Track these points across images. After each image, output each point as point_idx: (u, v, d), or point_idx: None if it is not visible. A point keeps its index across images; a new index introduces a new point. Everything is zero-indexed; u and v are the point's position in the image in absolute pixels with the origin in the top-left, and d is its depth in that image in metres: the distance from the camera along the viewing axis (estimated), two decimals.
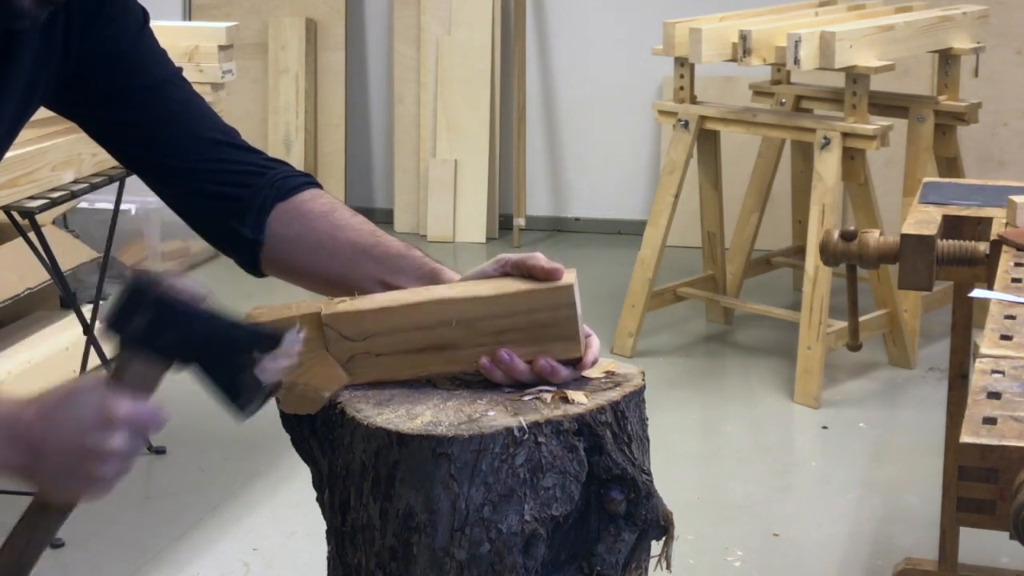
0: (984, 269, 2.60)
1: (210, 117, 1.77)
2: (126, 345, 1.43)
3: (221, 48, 4.04)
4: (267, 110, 6.23)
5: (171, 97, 1.74)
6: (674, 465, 3.86)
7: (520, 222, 6.11)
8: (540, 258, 1.59)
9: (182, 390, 1.69)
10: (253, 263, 1.76)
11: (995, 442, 1.60)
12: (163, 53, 1.77)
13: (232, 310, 1.47)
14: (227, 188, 1.73)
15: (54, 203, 3.51)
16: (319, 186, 1.78)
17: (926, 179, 3.20)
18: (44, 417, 1.38)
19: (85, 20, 1.67)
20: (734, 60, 4.43)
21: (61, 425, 1.37)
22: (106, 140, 1.76)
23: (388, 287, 1.66)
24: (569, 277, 1.59)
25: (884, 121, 4.37)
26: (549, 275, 1.58)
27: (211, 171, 1.73)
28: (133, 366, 1.43)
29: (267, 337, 1.45)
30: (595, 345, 1.62)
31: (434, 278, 1.66)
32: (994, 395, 1.77)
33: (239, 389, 1.44)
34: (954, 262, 2.63)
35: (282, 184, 1.74)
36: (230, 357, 1.43)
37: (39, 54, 1.63)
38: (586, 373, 1.61)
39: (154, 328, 1.42)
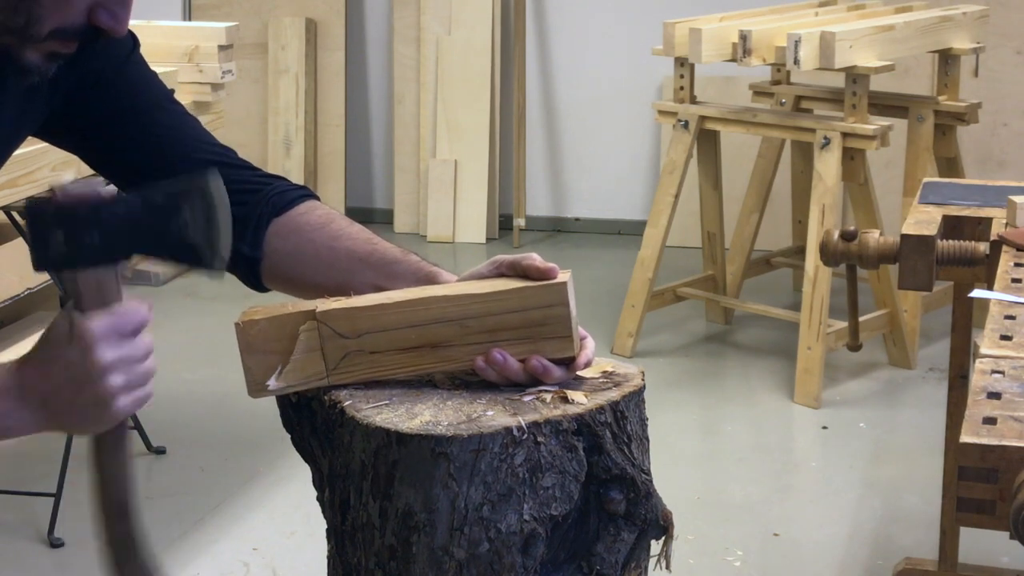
0: (984, 269, 2.60)
1: (203, 138, 1.76)
2: (62, 270, 1.41)
3: (221, 48, 4.04)
4: (267, 110, 6.23)
5: (161, 122, 1.73)
6: (674, 465, 3.86)
7: (520, 222, 6.11)
8: (535, 258, 1.59)
9: (181, 390, 1.68)
10: (254, 278, 1.76)
11: (995, 442, 1.60)
12: (153, 76, 1.76)
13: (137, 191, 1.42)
14: None
15: None
16: (316, 197, 1.78)
17: (926, 179, 3.20)
18: (35, 369, 1.43)
19: None
20: (734, 60, 4.43)
21: (50, 369, 1.41)
22: (100, 166, 1.76)
23: None
24: (563, 276, 1.59)
25: (884, 121, 4.37)
26: (543, 274, 1.59)
27: None
28: (82, 285, 1.41)
29: (187, 187, 1.42)
30: (590, 347, 1.62)
31: (430, 281, 1.66)
32: (994, 395, 1.77)
33: (196, 248, 1.42)
34: (954, 262, 2.63)
35: (278, 199, 1.74)
36: (165, 225, 1.41)
37: (27, 86, 1.62)
38: (582, 374, 1.61)
39: (75, 241, 1.39)
